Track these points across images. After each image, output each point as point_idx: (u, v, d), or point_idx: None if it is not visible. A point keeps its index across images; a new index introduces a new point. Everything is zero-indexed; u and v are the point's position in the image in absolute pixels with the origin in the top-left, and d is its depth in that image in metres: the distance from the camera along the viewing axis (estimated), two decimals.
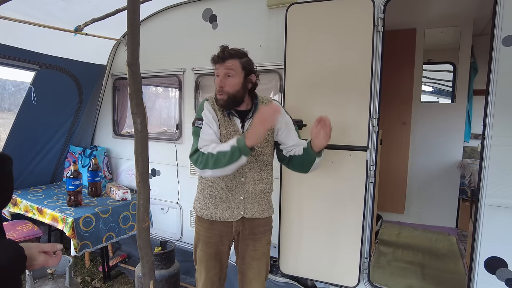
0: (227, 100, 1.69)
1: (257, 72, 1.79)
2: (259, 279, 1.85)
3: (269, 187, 1.87)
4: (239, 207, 1.78)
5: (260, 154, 1.78)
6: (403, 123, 3.97)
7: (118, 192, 3.14)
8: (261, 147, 1.78)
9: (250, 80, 1.73)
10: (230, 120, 1.78)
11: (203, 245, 1.84)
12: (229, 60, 1.68)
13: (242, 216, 1.79)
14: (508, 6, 1.84)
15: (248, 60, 1.74)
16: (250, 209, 1.79)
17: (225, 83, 1.68)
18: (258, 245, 1.84)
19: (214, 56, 1.72)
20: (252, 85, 1.75)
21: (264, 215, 1.84)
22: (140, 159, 1.03)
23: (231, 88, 1.68)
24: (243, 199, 1.78)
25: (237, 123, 1.78)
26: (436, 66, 4.54)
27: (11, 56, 2.74)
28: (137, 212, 1.06)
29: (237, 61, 1.69)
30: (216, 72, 1.72)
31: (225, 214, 1.78)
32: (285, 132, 1.81)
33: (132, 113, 1.00)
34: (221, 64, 1.69)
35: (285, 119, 1.83)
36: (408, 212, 4.04)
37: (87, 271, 3.21)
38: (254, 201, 1.80)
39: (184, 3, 3.01)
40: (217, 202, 1.79)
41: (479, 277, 2.00)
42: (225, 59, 1.68)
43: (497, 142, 1.92)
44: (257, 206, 1.81)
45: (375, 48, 2.19)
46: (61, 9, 2.54)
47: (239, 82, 1.69)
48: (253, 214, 1.80)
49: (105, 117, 3.74)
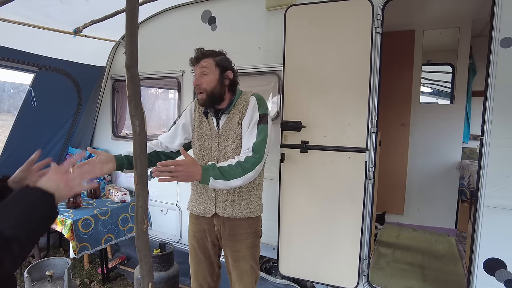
0: (206, 99, 1.76)
1: (235, 69, 1.84)
2: (242, 282, 1.84)
3: (247, 187, 1.80)
4: (211, 203, 1.82)
5: (231, 152, 1.78)
6: (402, 124, 3.97)
7: (117, 194, 3.14)
8: (233, 144, 1.77)
9: (227, 77, 1.78)
10: (207, 120, 1.84)
11: (191, 238, 1.94)
12: (203, 60, 1.77)
13: (215, 213, 1.81)
14: (506, 7, 1.85)
15: (223, 58, 1.81)
16: (222, 207, 1.80)
17: (201, 81, 1.75)
18: (239, 246, 1.82)
19: (191, 59, 1.81)
20: (229, 81, 1.79)
21: (239, 215, 1.80)
22: (139, 161, 1.03)
23: (207, 85, 1.74)
24: (214, 196, 1.81)
25: (213, 122, 1.83)
26: (434, 67, 4.56)
27: (10, 58, 2.74)
28: (136, 214, 1.05)
29: (211, 59, 1.77)
30: (194, 74, 1.80)
31: (200, 209, 1.86)
32: (246, 131, 1.76)
33: (131, 115, 1.00)
34: (197, 65, 1.78)
35: (252, 114, 1.75)
36: (407, 213, 4.04)
37: (86, 273, 3.20)
38: (227, 199, 1.79)
39: (183, 4, 3.01)
40: (197, 197, 1.88)
41: (478, 278, 2.00)
42: (199, 59, 1.77)
43: (496, 143, 1.92)
44: (230, 205, 1.79)
45: (373, 49, 2.20)
46: (60, 11, 2.54)
47: (214, 79, 1.75)
48: (225, 213, 1.79)
49: (104, 118, 3.74)
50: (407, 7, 3.41)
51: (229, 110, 1.80)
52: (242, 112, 1.78)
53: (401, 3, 2.35)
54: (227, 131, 1.78)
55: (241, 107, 1.79)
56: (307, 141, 2.39)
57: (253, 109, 1.76)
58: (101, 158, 1.65)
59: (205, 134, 1.84)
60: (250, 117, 1.75)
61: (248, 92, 1.87)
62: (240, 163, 1.65)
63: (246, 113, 1.77)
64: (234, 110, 1.80)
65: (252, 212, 1.84)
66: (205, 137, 1.84)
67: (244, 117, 1.76)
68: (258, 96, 1.84)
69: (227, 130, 1.78)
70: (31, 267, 2.26)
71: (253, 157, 1.67)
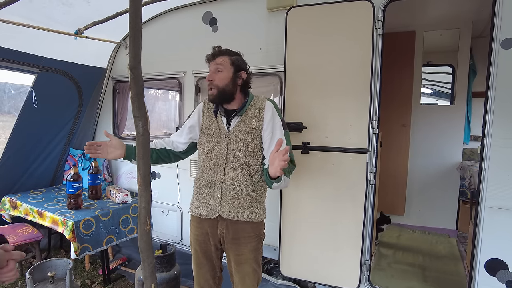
0: (217, 95, 1.77)
1: (250, 71, 1.85)
2: (245, 285, 1.84)
3: (253, 190, 1.81)
4: (216, 205, 1.80)
5: (242, 154, 1.77)
6: (403, 125, 3.98)
7: (118, 195, 3.14)
8: (244, 146, 1.77)
9: (240, 76, 1.80)
10: (216, 120, 1.84)
11: (193, 242, 1.93)
12: (219, 57, 1.80)
13: (219, 215, 1.79)
14: (507, 8, 1.86)
15: (239, 58, 1.83)
16: (227, 209, 1.78)
17: (214, 77, 1.77)
18: (242, 250, 1.81)
19: (207, 55, 1.83)
20: (242, 81, 1.80)
21: (243, 218, 1.78)
22: (142, 162, 1.03)
23: (220, 82, 1.76)
24: (220, 197, 1.79)
25: (223, 122, 1.83)
26: (435, 68, 4.56)
27: (11, 59, 2.75)
28: (139, 215, 1.06)
29: (227, 57, 1.80)
30: (209, 70, 1.81)
31: (204, 210, 1.83)
32: (269, 135, 1.78)
33: (134, 116, 1.00)
34: (212, 61, 1.80)
35: (273, 120, 1.80)
36: (408, 214, 4.04)
37: (87, 274, 3.20)
38: (232, 201, 1.78)
39: (184, 6, 3.02)
40: (200, 198, 1.86)
41: (479, 279, 2.00)
42: (215, 55, 1.80)
43: (496, 144, 1.93)
44: (236, 207, 1.78)
45: (374, 50, 2.20)
46: (61, 12, 2.55)
47: (227, 76, 1.77)
48: (229, 214, 1.77)
49: (105, 119, 3.74)
50: (408, 8, 3.42)
51: (242, 112, 1.80)
52: (259, 116, 1.79)
53: (402, 4, 2.35)
54: (239, 132, 1.78)
55: (257, 112, 1.80)
56: (309, 142, 2.39)
57: (273, 115, 1.80)
58: (112, 142, 1.79)
59: (213, 134, 1.83)
60: (273, 123, 1.79)
61: (261, 97, 1.87)
62: (288, 169, 1.72)
63: (263, 117, 1.79)
64: (248, 113, 1.80)
65: (257, 217, 1.82)
66: (214, 136, 1.83)
67: (263, 121, 1.78)
68: (273, 101, 1.87)
69: (239, 132, 1.78)
70: (33, 268, 2.26)
71: (292, 162, 1.80)
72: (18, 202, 3.08)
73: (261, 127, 1.79)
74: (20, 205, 3.06)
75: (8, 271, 1.12)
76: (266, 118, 1.78)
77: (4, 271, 1.11)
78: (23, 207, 3.04)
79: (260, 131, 1.79)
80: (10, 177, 3.27)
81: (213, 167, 1.82)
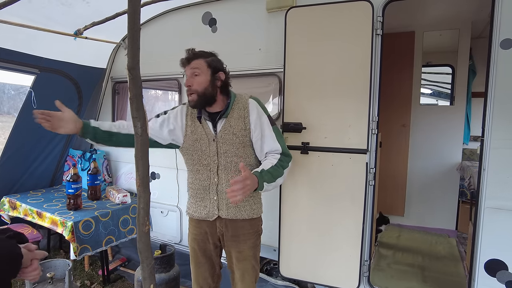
0: (198, 100, 1.73)
1: (227, 71, 1.81)
2: (244, 282, 1.85)
3: None
4: (214, 207, 1.80)
5: (234, 155, 1.76)
6: (403, 125, 3.97)
7: (118, 195, 3.13)
8: (234, 147, 1.76)
9: (219, 78, 1.76)
10: (201, 124, 1.80)
11: (192, 241, 1.92)
12: (195, 60, 1.73)
13: (218, 216, 1.80)
14: (506, 9, 1.86)
15: (214, 59, 1.78)
16: (225, 210, 1.79)
17: (192, 82, 1.72)
18: (242, 247, 1.83)
19: (181, 59, 1.77)
20: (221, 82, 1.77)
21: (242, 216, 1.80)
22: (141, 163, 1.03)
23: (199, 86, 1.72)
24: (217, 199, 1.79)
25: (209, 126, 1.80)
26: (435, 68, 4.56)
27: (11, 59, 2.74)
28: (138, 216, 1.05)
29: (202, 60, 1.74)
30: (185, 75, 1.77)
31: (202, 213, 1.83)
32: (259, 135, 1.77)
33: (133, 117, 0.99)
34: (188, 66, 1.75)
35: (260, 119, 1.78)
36: (407, 214, 4.04)
37: (87, 275, 3.20)
38: (230, 202, 1.76)
39: (183, 6, 3.01)
40: (198, 202, 1.85)
41: (479, 280, 2.00)
42: (190, 59, 1.74)
43: (496, 144, 1.93)
44: (234, 207, 1.78)
45: (374, 51, 2.20)
46: (61, 13, 2.54)
47: (206, 80, 1.72)
48: (228, 215, 1.79)
49: (104, 120, 3.73)
50: (407, 9, 3.42)
51: (226, 114, 1.77)
52: (244, 116, 1.76)
53: (401, 4, 2.35)
54: (227, 135, 1.75)
55: (242, 111, 1.77)
56: (308, 143, 2.39)
57: (258, 113, 1.78)
58: (64, 115, 1.62)
59: (200, 139, 1.79)
60: (260, 121, 1.77)
61: (243, 95, 1.84)
62: (280, 163, 1.73)
63: (249, 116, 1.76)
64: (233, 113, 1.77)
65: (255, 213, 1.85)
66: (201, 141, 1.79)
67: (250, 121, 1.76)
68: (256, 98, 1.84)
69: (227, 134, 1.75)
70: None
71: (285, 154, 1.78)
72: (18, 202, 3.08)
73: (249, 127, 1.77)
74: (20, 206, 3.06)
75: (32, 270, 1.14)
76: (252, 117, 1.76)
77: (29, 270, 1.13)
78: (22, 207, 3.03)
79: (248, 131, 1.77)
80: (10, 177, 3.27)
81: (206, 171, 1.80)
